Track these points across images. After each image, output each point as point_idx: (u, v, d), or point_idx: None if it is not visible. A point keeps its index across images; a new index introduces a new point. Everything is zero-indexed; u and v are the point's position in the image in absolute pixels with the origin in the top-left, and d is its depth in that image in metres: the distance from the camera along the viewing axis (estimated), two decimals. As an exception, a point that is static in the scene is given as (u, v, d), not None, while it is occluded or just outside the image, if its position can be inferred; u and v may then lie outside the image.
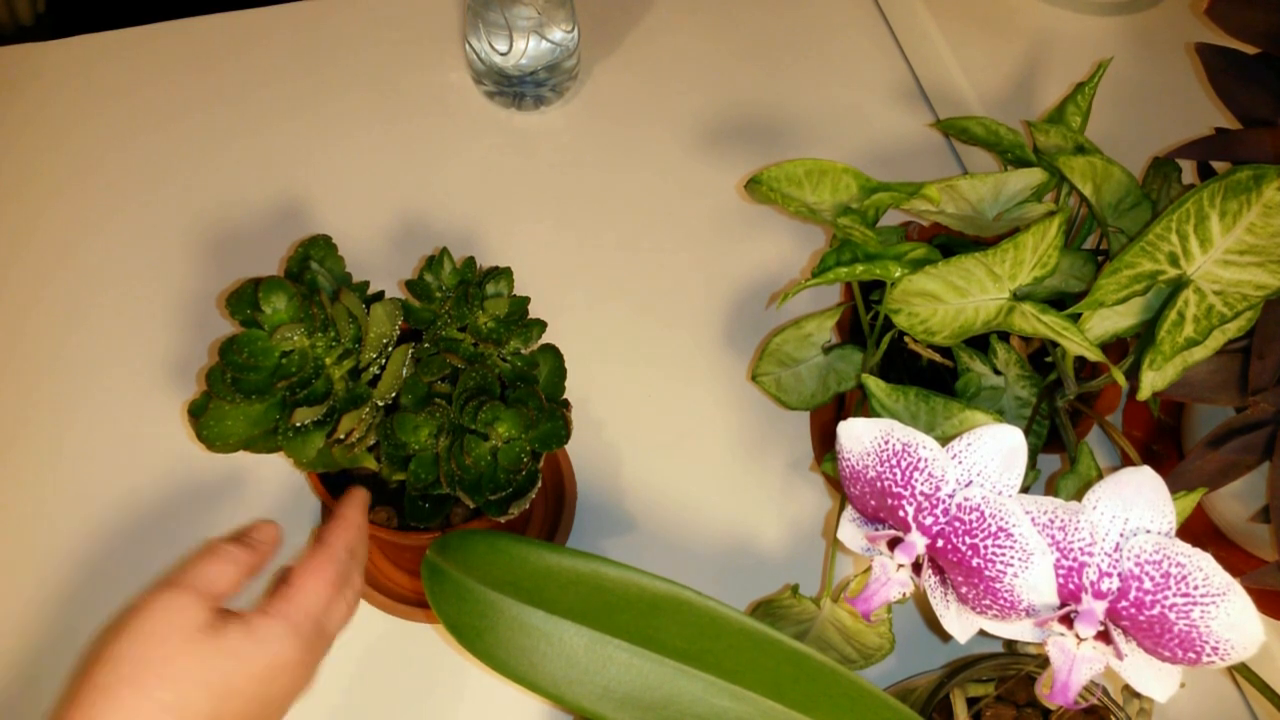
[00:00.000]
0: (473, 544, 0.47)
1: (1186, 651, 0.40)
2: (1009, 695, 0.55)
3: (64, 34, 0.89)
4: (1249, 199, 0.45)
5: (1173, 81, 0.88)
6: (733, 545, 0.68)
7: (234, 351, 0.50)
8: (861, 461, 0.46)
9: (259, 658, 0.43)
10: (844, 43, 0.93)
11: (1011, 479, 0.44)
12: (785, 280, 0.79)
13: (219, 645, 0.43)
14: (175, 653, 0.42)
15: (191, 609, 0.43)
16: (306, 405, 0.50)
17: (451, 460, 0.52)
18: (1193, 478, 0.51)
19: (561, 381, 0.58)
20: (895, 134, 0.87)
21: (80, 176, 0.81)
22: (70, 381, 0.72)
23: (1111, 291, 0.49)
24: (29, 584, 0.64)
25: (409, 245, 0.79)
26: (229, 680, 0.42)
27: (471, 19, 0.82)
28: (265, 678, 0.43)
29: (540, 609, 0.45)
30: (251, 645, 0.43)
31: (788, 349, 0.65)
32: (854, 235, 0.54)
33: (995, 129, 0.62)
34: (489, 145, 0.85)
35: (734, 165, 0.85)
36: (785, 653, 0.44)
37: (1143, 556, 0.40)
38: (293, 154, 0.83)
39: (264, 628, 0.44)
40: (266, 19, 0.91)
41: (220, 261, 0.78)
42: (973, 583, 0.44)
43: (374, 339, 0.53)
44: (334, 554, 0.48)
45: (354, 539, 0.50)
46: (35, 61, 0.87)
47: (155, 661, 0.42)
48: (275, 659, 0.44)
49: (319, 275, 0.54)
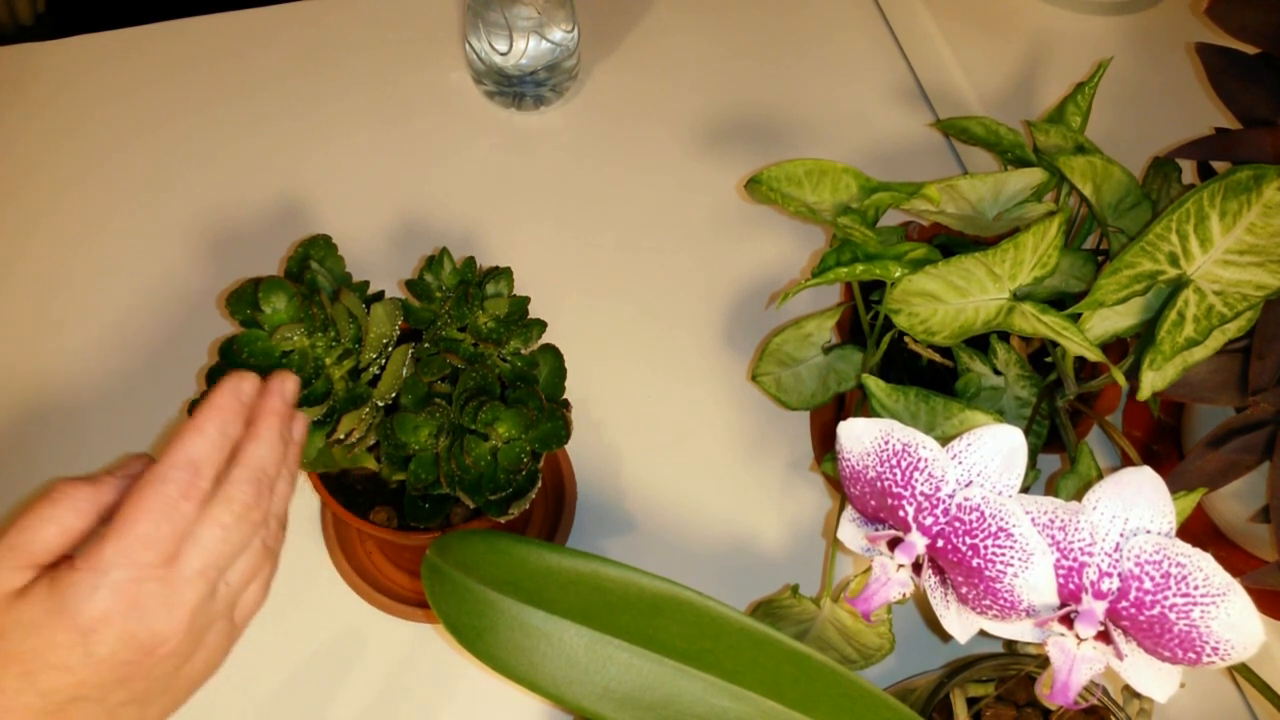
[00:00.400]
0: (473, 544, 0.47)
1: (1186, 651, 0.40)
2: (1009, 695, 0.55)
3: (64, 34, 0.89)
4: (1249, 199, 0.45)
5: (1173, 81, 0.88)
6: (733, 545, 0.68)
7: (234, 351, 0.50)
8: (861, 461, 0.46)
9: (57, 624, 0.37)
10: (844, 43, 0.93)
11: (1011, 479, 0.44)
12: (785, 280, 0.79)
13: (16, 615, 0.37)
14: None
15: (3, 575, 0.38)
16: (306, 405, 0.50)
17: (451, 460, 0.52)
18: (1193, 478, 0.51)
19: (561, 381, 0.58)
20: (895, 134, 0.87)
21: (80, 176, 0.81)
22: (70, 381, 0.72)
23: (1111, 291, 0.49)
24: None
25: (409, 245, 0.79)
26: (34, 652, 0.37)
27: (471, 19, 0.82)
28: (73, 644, 0.37)
29: (540, 609, 0.45)
30: (45, 612, 0.37)
31: (788, 349, 0.65)
32: (854, 235, 0.54)
33: (995, 129, 0.62)
34: (489, 145, 0.85)
35: (734, 165, 0.85)
36: (785, 653, 0.44)
37: (1143, 556, 0.40)
38: (293, 154, 0.83)
39: (65, 586, 0.37)
40: (266, 19, 0.91)
41: (220, 261, 0.78)
42: (973, 583, 0.44)
43: (374, 339, 0.53)
44: (158, 473, 0.40)
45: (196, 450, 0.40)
46: (35, 61, 0.87)
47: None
48: (80, 622, 0.37)
49: (319, 275, 0.54)
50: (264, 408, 0.44)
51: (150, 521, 0.39)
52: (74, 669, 0.37)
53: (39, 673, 0.37)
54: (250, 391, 0.44)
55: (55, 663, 0.37)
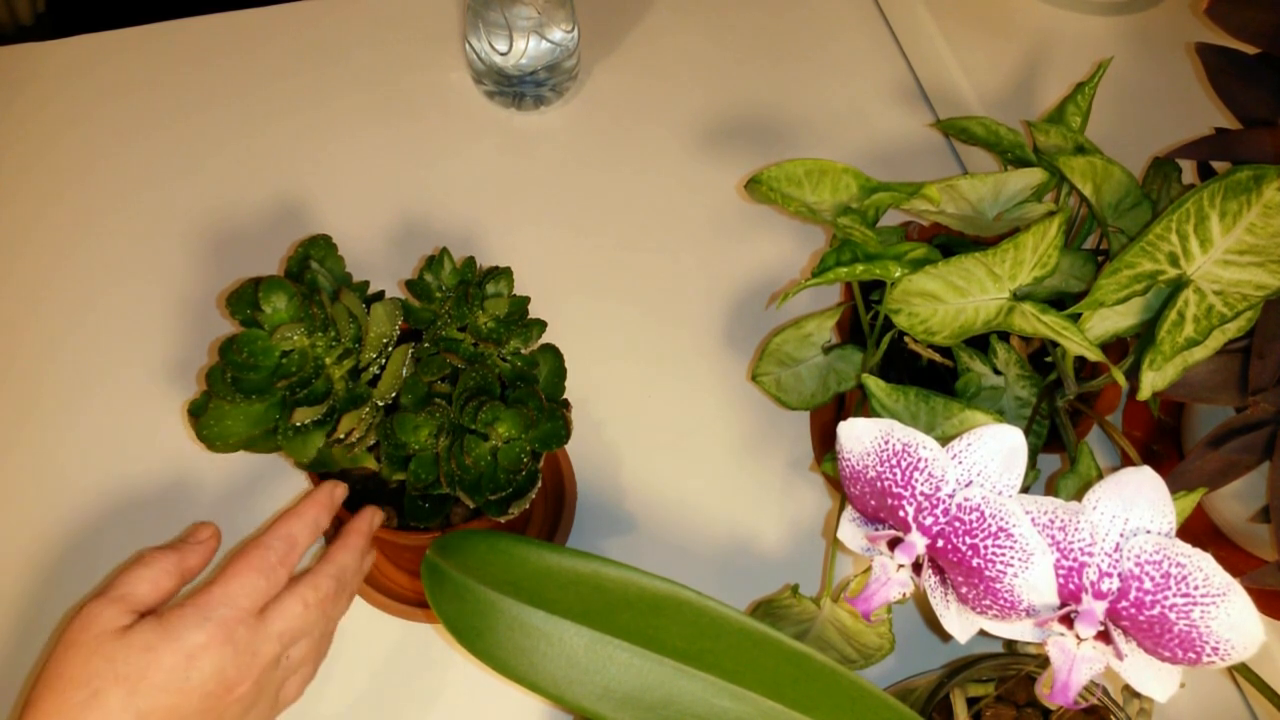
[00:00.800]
0: (473, 544, 0.47)
1: (1186, 651, 0.40)
2: (1009, 695, 0.55)
3: (64, 34, 0.89)
4: (1249, 199, 0.45)
5: (1173, 81, 0.88)
6: (733, 545, 0.68)
7: (234, 351, 0.50)
8: (861, 461, 0.46)
9: (167, 647, 0.43)
10: (844, 43, 0.93)
11: (1011, 479, 0.44)
12: (785, 280, 0.79)
13: (128, 641, 0.43)
14: (87, 655, 0.43)
15: (106, 616, 0.44)
16: (306, 405, 0.50)
17: (451, 460, 0.52)
18: (1193, 478, 0.51)
19: (561, 381, 0.58)
20: (895, 134, 0.87)
21: (80, 176, 0.81)
22: (70, 381, 0.72)
23: (1111, 291, 0.49)
24: (29, 584, 0.64)
25: (409, 245, 0.79)
26: (141, 671, 0.43)
27: (471, 19, 0.82)
28: (177, 666, 0.43)
29: (540, 609, 0.45)
30: (158, 636, 0.44)
31: (788, 349, 0.65)
32: (854, 235, 0.54)
33: (995, 129, 0.62)
34: (489, 145, 0.85)
35: (734, 165, 0.85)
36: (785, 653, 0.44)
37: (1143, 557, 0.40)
38: (293, 154, 0.83)
39: (175, 619, 0.44)
40: (266, 19, 0.91)
41: (220, 261, 0.78)
42: (973, 583, 0.44)
43: (374, 339, 0.53)
44: (263, 541, 0.48)
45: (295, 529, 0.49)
46: (35, 61, 0.87)
47: (69, 665, 0.43)
48: (186, 647, 0.44)
49: (319, 275, 0.54)
50: (355, 526, 0.53)
51: (252, 576, 0.46)
52: (170, 692, 0.43)
53: (141, 692, 0.43)
54: (341, 497, 0.52)
55: (157, 683, 0.43)
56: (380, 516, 0.54)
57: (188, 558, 0.48)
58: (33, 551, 0.65)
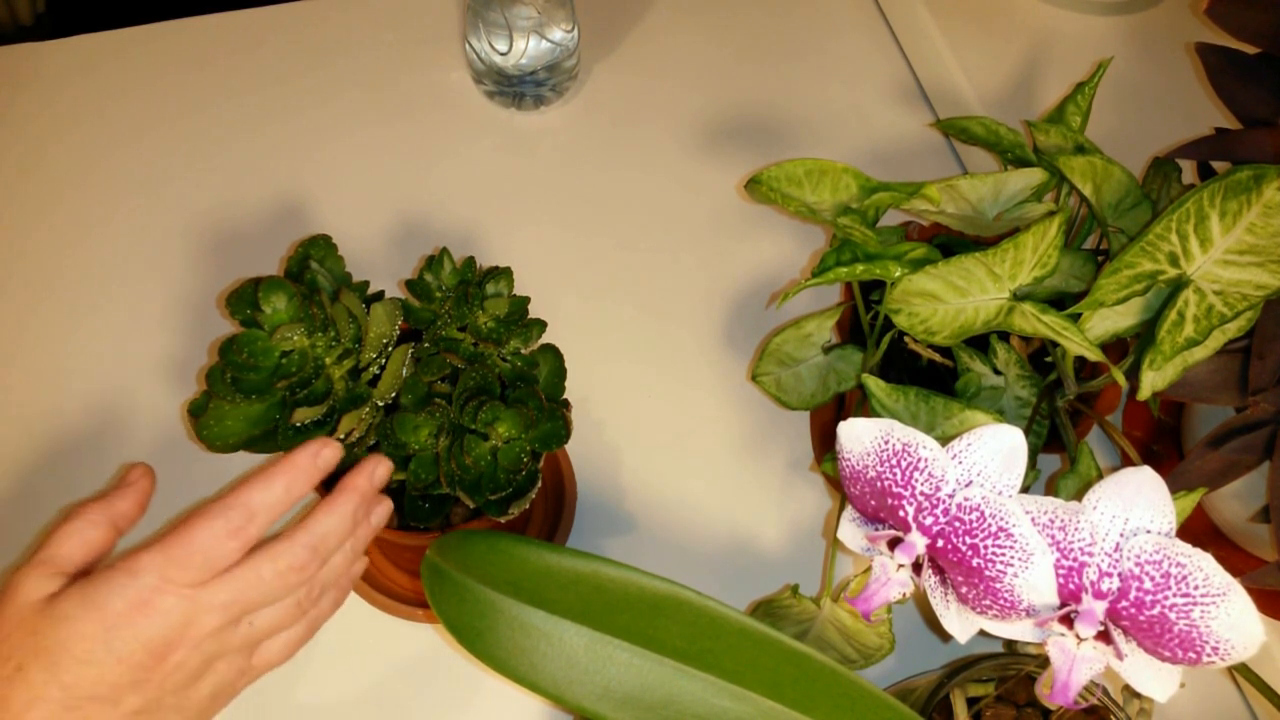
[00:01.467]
0: (473, 544, 0.47)
1: (1186, 651, 0.40)
2: (1009, 695, 0.55)
3: (64, 34, 0.89)
4: (1249, 199, 0.45)
5: (1173, 81, 0.88)
6: (733, 545, 0.68)
7: (234, 351, 0.50)
8: (861, 461, 0.46)
9: (89, 616, 0.40)
10: (844, 43, 0.93)
11: (1011, 479, 0.44)
12: (785, 280, 0.79)
13: (50, 611, 0.40)
14: (11, 630, 0.41)
15: (30, 584, 0.41)
16: (306, 405, 0.50)
17: (451, 460, 0.52)
18: (1193, 478, 0.51)
19: (561, 381, 0.58)
20: (895, 134, 0.87)
21: (80, 176, 0.81)
22: (70, 381, 0.72)
23: (1111, 291, 0.49)
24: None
25: (409, 245, 0.79)
26: (61, 644, 0.40)
27: (471, 19, 0.82)
28: (95, 635, 0.40)
29: (540, 609, 0.45)
30: (77, 605, 0.40)
31: (788, 349, 0.65)
32: (854, 235, 0.54)
33: (995, 129, 0.62)
34: (489, 145, 0.85)
35: (734, 165, 0.85)
36: (785, 653, 0.44)
37: (1143, 556, 0.40)
38: (293, 154, 0.83)
39: (99, 584, 0.41)
40: (266, 19, 0.91)
41: (220, 261, 0.78)
42: (973, 583, 0.44)
43: (374, 339, 0.53)
44: (215, 508, 0.43)
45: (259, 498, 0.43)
46: (35, 61, 0.87)
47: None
48: (106, 616, 0.40)
49: (319, 275, 0.54)
50: (348, 483, 0.47)
51: (189, 549, 0.42)
52: (94, 663, 0.40)
53: (63, 665, 0.40)
54: (330, 459, 0.46)
55: (79, 654, 0.40)
56: (387, 467, 0.48)
57: (116, 503, 0.44)
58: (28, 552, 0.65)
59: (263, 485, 0.43)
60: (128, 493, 0.45)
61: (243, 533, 0.43)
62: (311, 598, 0.46)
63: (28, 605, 0.41)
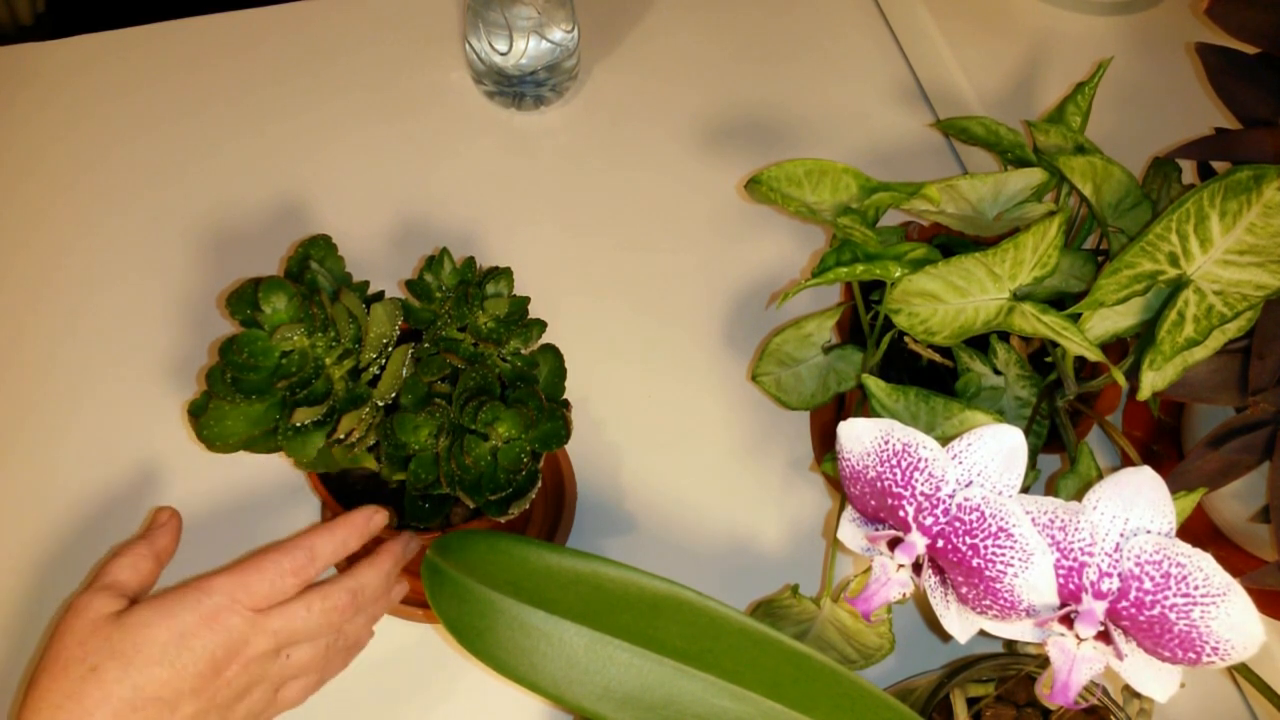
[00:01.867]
0: (473, 544, 0.47)
1: (1186, 651, 0.40)
2: (1009, 695, 0.55)
3: (64, 34, 0.89)
4: (1249, 199, 0.45)
5: (1173, 81, 0.88)
6: (733, 545, 0.68)
7: (234, 351, 0.50)
8: (861, 461, 0.46)
9: (161, 623, 0.45)
10: (844, 43, 0.93)
11: (1011, 479, 0.44)
12: (785, 280, 0.79)
13: (123, 621, 0.45)
14: (85, 636, 0.45)
15: (98, 603, 0.46)
16: (306, 405, 0.50)
17: (451, 460, 0.52)
18: (1193, 478, 0.51)
19: (561, 381, 0.58)
20: (895, 134, 0.87)
21: (80, 176, 0.81)
22: (70, 381, 0.72)
23: (1111, 291, 0.49)
24: (28, 583, 0.64)
25: (409, 245, 0.79)
26: (136, 646, 0.45)
27: (471, 19, 0.82)
28: (170, 642, 0.45)
29: (540, 609, 0.45)
30: (153, 614, 0.46)
31: (788, 349, 0.65)
32: (854, 235, 0.54)
33: (995, 129, 0.62)
34: (489, 145, 0.85)
35: (734, 165, 0.85)
36: (785, 653, 0.44)
37: (1143, 557, 0.40)
38: (293, 154, 0.83)
39: (173, 599, 0.46)
40: (266, 19, 0.91)
41: (220, 261, 0.78)
42: (973, 583, 0.44)
43: (374, 339, 0.53)
44: (284, 545, 0.49)
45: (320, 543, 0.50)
46: (35, 61, 0.87)
47: (67, 648, 0.45)
48: (179, 625, 0.45)
49: (319, 275, 0.54)
50: (389, 547, 0.54)
51: (258, 578, 0.48)
52: (164, 665, 0.45)
53: (136, 665, 0.44)
54: (380, 524, 0.53)
55: (151, 657, 0.45)
56: (417, 544, 0.54)
57: (157, 540, 0.51)
58: (31, 550, 0.65)
59: (326, 535, 0.50)
60: (165, 531, 0.52)
61: (304, 571, 0.49)
62: (335, 647, 0.52)
63: (99, 619, 0.46)
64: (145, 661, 0.44)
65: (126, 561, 0.49)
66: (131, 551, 0.50)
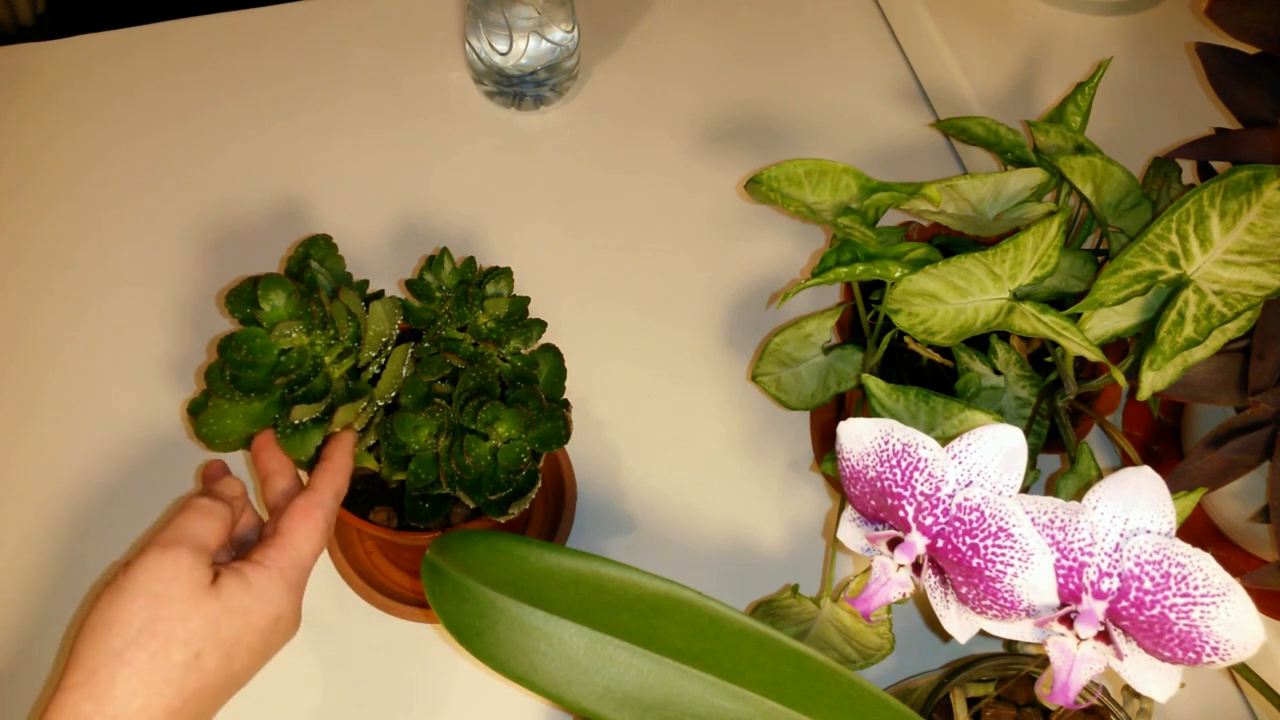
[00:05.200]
0: (473, 544, 0.47)
1: (1186, 652, 0.40)
2: (1009, 695, 0.55)
3: (64, 34, 0.89)
4: (1249, 199, 0.45)
5: (1173, 81, 0.88)
6: (733, 545, 0.68)
7: (233, 349, 0.49)
8: (861, 461, 0.46)
9: (261, 611, 0.45)
10: (844, 43, 0.93)
11: (1011, 479, 0.44)
12: (785, 280, 0.79)
13: (225, 602, 0.44)
14: (185, 612, 0.43)
15: (194, 568, 0.44)
16: (305, 403, 0.50)
17: (451, 460, 0.52)
18: (1193, 478, 0.51)
19: (561, 381, 0.58)
20: (895, 134, 0.87)
21: (80, 176, 0.81)
22: (70, 380, 0.72)
23: (1111, 291, 0.49)
24: (30, 580, 0.64)
25: (409, 245, 0.79)
26: (238, 635, 0.44)
27: (471, 19, 0.82)
28: (267, 629, 0.45)
29: (540, 609, 0.45)
30: (252, 599, 0.45)
31: (788, 349, 0.65)
32: (854, 235, 0.54)
33: (995, 129, 0.62)
34: (489, 145, 0.85)
35: (734, 165, 0.85)
36: (785, 653, 0.44)
37: (1143, 557, 0.40)
38: (293, 153, 0.83)
39: (262, 581, 0.45)
40: (266, 19, 0.91)
41: (220, 260, 0.78)
42: (973, 583, 0.43)
43: (373, 337, 0.53)
44: (321, 500, 0.49)
45: (341, 484, 0.50)
46: (35, 61, 0.87)
47: (165, 621, 0.42)
48: (274, 610, 0.45)
49: (319, 274, 0.54)
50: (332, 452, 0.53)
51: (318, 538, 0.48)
52: (256, 653, 0.45)
53: (236, 656, 0.44)
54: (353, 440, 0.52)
55: (250, 646, 0.44)
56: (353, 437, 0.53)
57: (237, 514, 0.49)
58: (32, 550, 0.65)
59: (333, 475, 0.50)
60: (229, 482, 0.50)
61: (333, 516, 0.49)
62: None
63: (200, 590, 0.43)
64: (243, 652, 0.44)
65: (212, 526, 0.46)
66: (215, 515, 0.47)
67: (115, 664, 0.41)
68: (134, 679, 0.41)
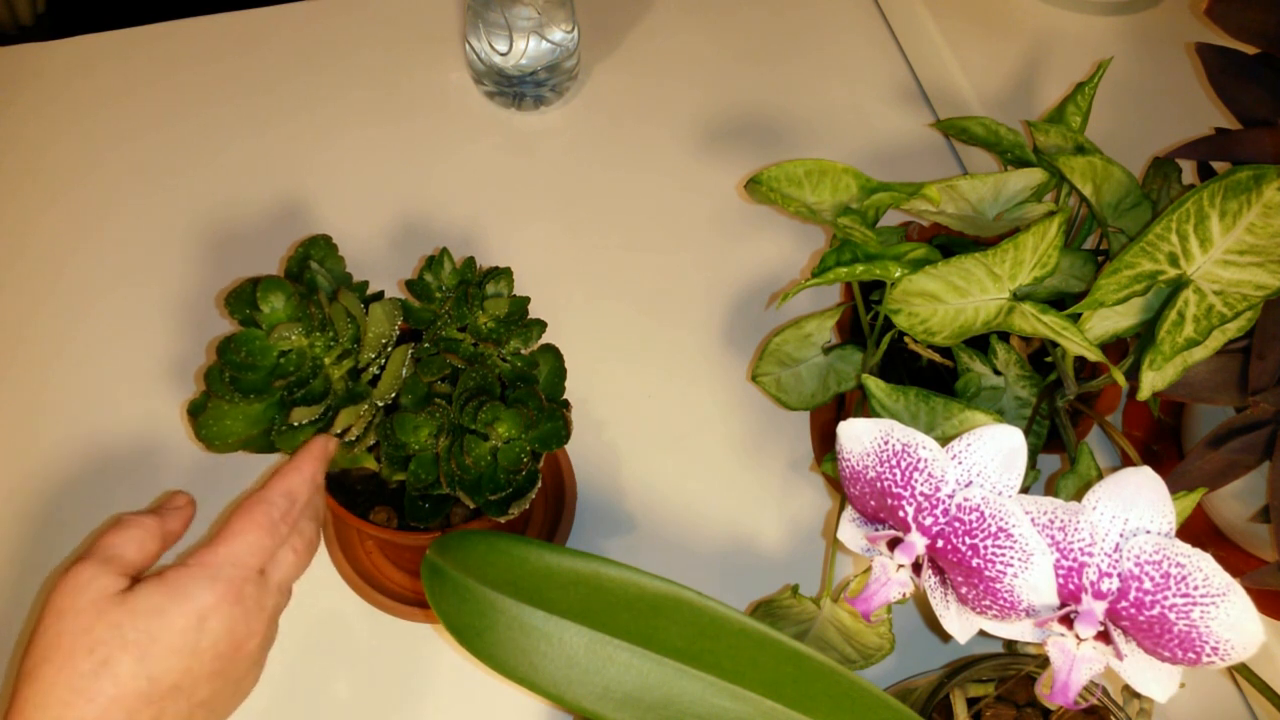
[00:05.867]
0: (473, 544, 0.47)
1: (1186, 652, 0.40)
2: (1009, 695, 0.55)
3: (64, 34, 0.89)
4: (1249, 199, 0.45)
5: (1173, 81, 0.88)
6: (733, 545, 0.68)
7: (232, 350, 0.50)
8: (861, 462, 0.46)
9: (177, 609, 0.43)
10: (844, 43, 0.93)
11: (1011, 479, 0.44)
12: (785, 280, 0.79)
13: (132, 606, 0.42)
14: (89, 622, 0.42)
15: (99, 578, 0.43)
16: (304, 404, 0.50)
17: (451, 460, 0.52)
18: (1193, 478, 0.51)
19: (561, 381, 0.58)
20: (895, 134, 0.87)
21: (80, 176, 0.81)
22: (70, 380, 0.72)
23: (1111, 291, 0.49)
24: (28, 584, 0.64)
25: (409, 245, 0.79)
26: (151, 636, 0.42)
27: (471, 19, 0.82)
28: (189, 627, 0.43)
29: (540, 609, 0.45)
30: (165, 598, 0.43)
31: (788, 349, 0.65)
32: (854, 235, 0.54)
33: (995, 129, 0.62)
34: (489, 145, 0.85)
35: (734, 165, 0.85)
36: (785, 653, 0.44)
37: (1143, 557, 0.40)
38: (293, 154, 0.83)
39: (181, 580, 0.43)
40: (266, 19, 0.91)
41: (220, 261, 0.78)
42: (973, 583, 0.43)
43: (373, 339, 0.53)
44: (266, 497, 0.47)
45: (295, 484, 0.48)
46: (35, 61, 0.87)
47: (68, 634, 0.41)
48: (193, 606, 0.43)
49: (318, 275, 0.54)
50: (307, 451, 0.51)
51: (257, 534, 0.46)
52: (184, 654, 0.42)
53: (154, 656, 0.42)
54: (334, 450, 0.51)
55: (170, 646, 0.42)
56: (333, 443, 0.52)
57: (168, 521, 0.47)
58: (30, 551, 0.65)
59: (296, 473, 0.49)
60: (178, 515, 0.48)
61: (289, 516, 0.47)
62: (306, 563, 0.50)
63: (103, 599, 0.42)
64: (163, 652, 0.42)
65: (133, 535, 0.45)
66: (139, 526, 0.46)
67: (25, 682, 0.41)
68: (41, 693, 0.40)
